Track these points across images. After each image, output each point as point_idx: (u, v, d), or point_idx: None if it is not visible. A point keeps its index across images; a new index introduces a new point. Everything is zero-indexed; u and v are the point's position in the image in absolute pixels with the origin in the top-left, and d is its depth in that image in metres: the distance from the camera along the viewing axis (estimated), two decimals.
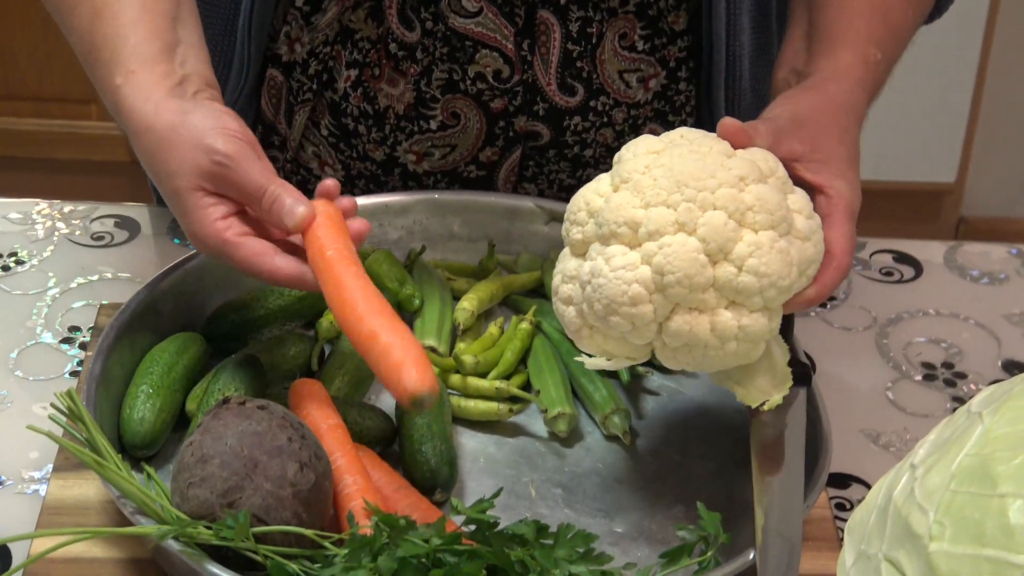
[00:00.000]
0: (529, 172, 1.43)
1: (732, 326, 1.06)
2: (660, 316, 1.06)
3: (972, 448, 0.87)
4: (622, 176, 1.09)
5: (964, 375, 1.35)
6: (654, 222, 1.05)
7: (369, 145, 1.41)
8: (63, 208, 1.48)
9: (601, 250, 1.07)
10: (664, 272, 1.05)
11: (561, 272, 1.12)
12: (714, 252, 1.05)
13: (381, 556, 0.97)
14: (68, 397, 1.06)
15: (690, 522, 1.14)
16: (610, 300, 1.06)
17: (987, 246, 1.53)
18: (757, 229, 1.06)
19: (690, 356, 1.08)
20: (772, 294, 1.07)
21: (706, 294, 1.06)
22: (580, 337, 1.11)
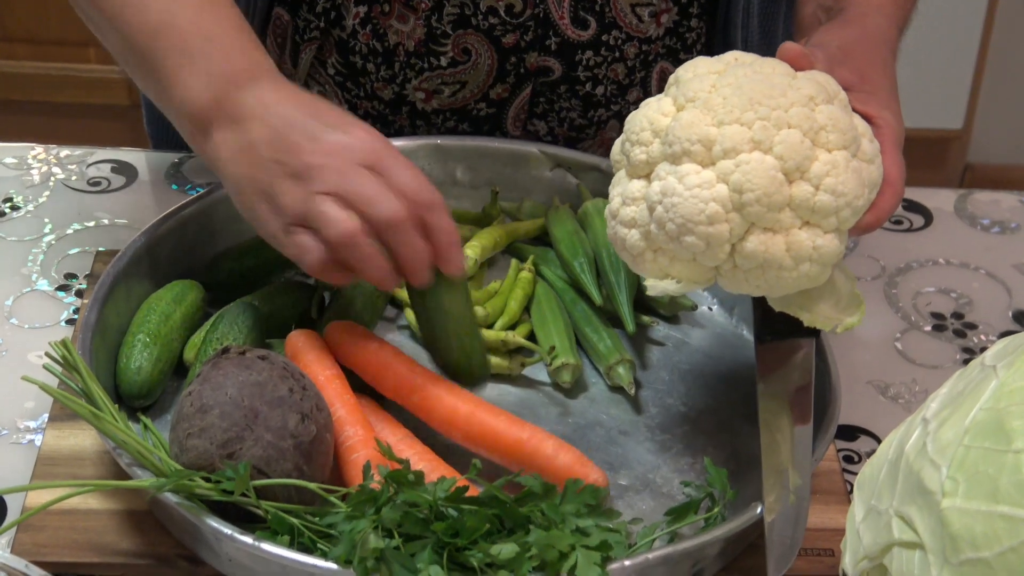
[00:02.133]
0: (539, 109, 1.41)
1: (807, 246, 1.05)
2: (735, 236, 1.05)
3: (987, 402, 0.85)
4: (687, 95, 1.07)
5: (974, 326, 1.33)
6: (729, 139, 1.03)
7: (377, 83, 1.39)
8: (59, 153, 1.46)
9: (672, 169, 1.05)
10: (742, 190, 1.03)
11: (621, 195, 1.09)
12: (791, 171, 1.03)
13: (385, 508, 0.96)
14: (63, 346, 1.05)
15: (696, 475, 1.13)
16: (685, 219, 1.04)
17: (997, 194, 1.51)
18: (831, 149, 1.05)
19: (762, 278, 1.06)
20: (847, 214, 1.05)
21: (782, 213, 1.04)
22: (643, 260, 1.09)
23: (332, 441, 1.06)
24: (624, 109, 1.42)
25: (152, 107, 1.52)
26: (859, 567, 0.89)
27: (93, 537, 1.05)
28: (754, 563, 1.06)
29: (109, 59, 1.17)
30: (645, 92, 1.42)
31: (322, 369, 1.13)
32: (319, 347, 1.15)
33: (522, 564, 0.95)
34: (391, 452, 1.03)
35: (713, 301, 1.31)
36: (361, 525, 0.95)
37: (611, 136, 1.44)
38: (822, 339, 1.16)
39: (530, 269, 1.29)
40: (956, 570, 0.81)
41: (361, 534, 0.94)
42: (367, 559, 0.94)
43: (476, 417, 1.11)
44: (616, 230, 1.10)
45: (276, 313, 1.21)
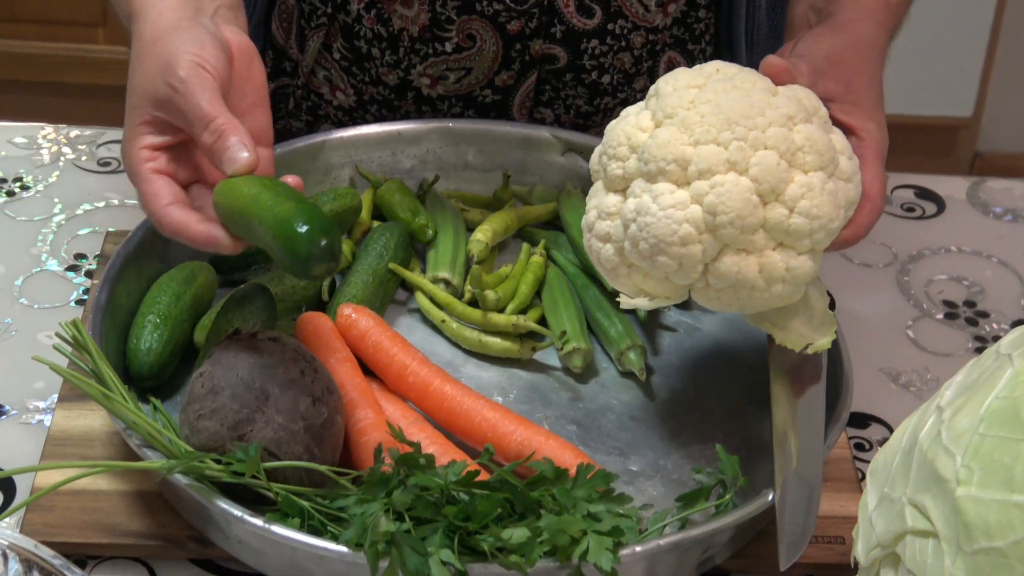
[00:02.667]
0: (545, 97, 1.41)
1: (780, 268, 1.04)
2: (708, 256, 1.04)
3: (1002, 390, 0.85)
4: (665, 111, 1.06)
5: (986, 314, 1.33)
6: (705, 160, 1.03)
7: (382, 69, 1.38)
8: (69, 133, 1.45)
9: (646, 187, 1.05)
10: (716, 212, 1.02)
11: (597, 208, 1.09)
12: (766, 193, 1.03)
13: (396, 491, 0.95)
14: (73, 327, 1.04)
15: (706, 461, 1.13)
16: (658, 239, 1.03)
17: (1010, 182, 1.50)
18: (807, 170, 1.04)
19: (734, 297, 1.06)
20: (821, 236, 1.05)
21: (756, 235, 1.03)
22: (616, 275, 1.09)
23: (343, 424, 1.05)
24: (631, 98, 1.42)
25: None
26: (871, 555, 0.89)
27: (102, 518, 1.05)
28: (765, 550, 1.05)
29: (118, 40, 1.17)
30: (652, 81, 1.41)
31: (333, 352, 1.13)
32: (330, 330, 1.15)
33: (533, 549, 0.94)
34: (402, 435, 1.02)
35: None
36: (372, 508, 0.95)
37: None
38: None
39: (541, 253, 1.29)
40: (970, 559, 0.81)
41: (372, 517, 0.94)
42: (378, 542, 0.94)
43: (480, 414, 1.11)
44: (591, 243, 1.09)
45: (287, 295, 1.21)
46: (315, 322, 1.16)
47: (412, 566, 0.93)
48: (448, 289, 1.25)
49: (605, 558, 0.94)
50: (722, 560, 1.05)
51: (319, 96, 1.43)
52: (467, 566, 0.94)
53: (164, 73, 1.05)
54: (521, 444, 1.08)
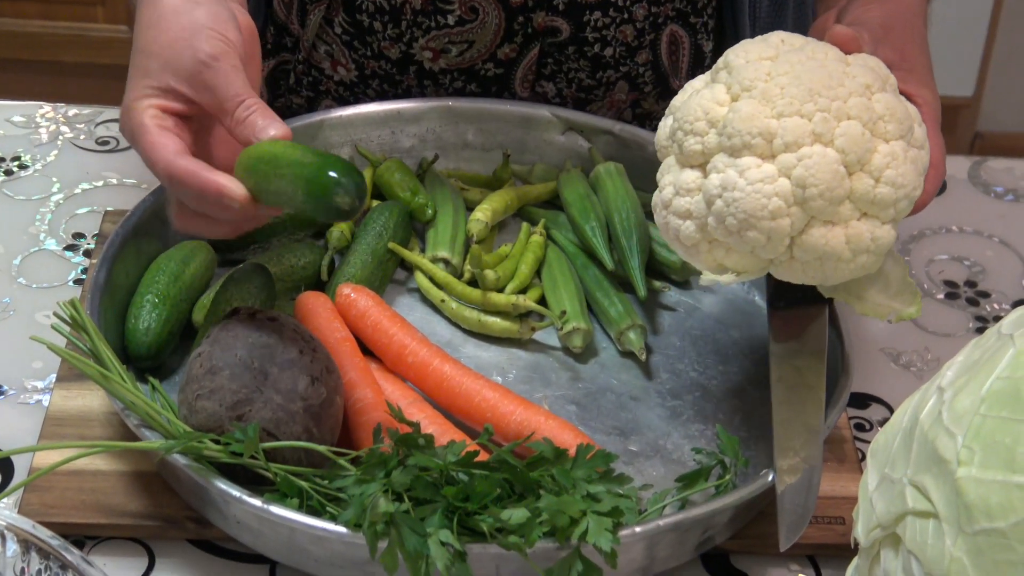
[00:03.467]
0: (547, 70, 1.40)
1: (866, 238, 1.04)
2: (796, 229, 1.04)
3: (1004, 371, 0.84)
4: (742, 84, 1.05)
5: (987, 294, 1.33)
6: (790, 133, 1.02)
7: (384, 43, 1.38)
8: (67, 112, 1.45)
9: (731, 162, 1.04)
10: (805, 185, 1.02)
11: (674, 184, 1.08)
12: (852, 163, 1.03)
13: (395, 472, 0.95)
14: (71, 306, 1.04)
15: (706, 441, 1.12)
16: (748, 214, 1.03)
17: (1011, 162, 1.50)
18: (889, 139, 1.04)
19: (820, 269, 1.06)
20: (904, 205, 1.05)
21: (842, 206, 1.04)
22: (697, 252, 1.08)
23: (342, 404, 1.05)
24: (633, 71, 1.41)
25: None
26: (871, 535, 0.89)
27: (100, 498, 1.05)
28: (765, 531, 1.05)
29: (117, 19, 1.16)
30: (655, 55, 1.41)
31: (332, 331, 1.13)
32: (329, 309, 1.15)
33: (532, 529, 0.94)
34: (401, 415, 1.02)
35: None
36: (371, 489, 0.95)
37: (620, 98, 1.43)
38: (834, 307, 1.16)
39: (541, 233, 1.28)
40: (970, 540, 0.81)
41: (371, 498, 0.94)
42: (376, 523, 0.93)
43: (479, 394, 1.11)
44: (669, 220, 1.08)
45: (286, 275, 1.20)
46: (314, 301, 1.15)
47: (411, 546, 0.93)
48: (447, 269, 1.25)
49: (604, 539, 0.94)
50: (722, 540, 1.05)
51: (320, 71, 1.43)
52: (466, 546, 0.94)
53: (192, 47, 1.04)
54: (520, 424, 1.08)
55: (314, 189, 0.97)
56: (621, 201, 1.28)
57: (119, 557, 1.03)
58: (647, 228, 1.27)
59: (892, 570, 0.87)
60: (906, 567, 0.85)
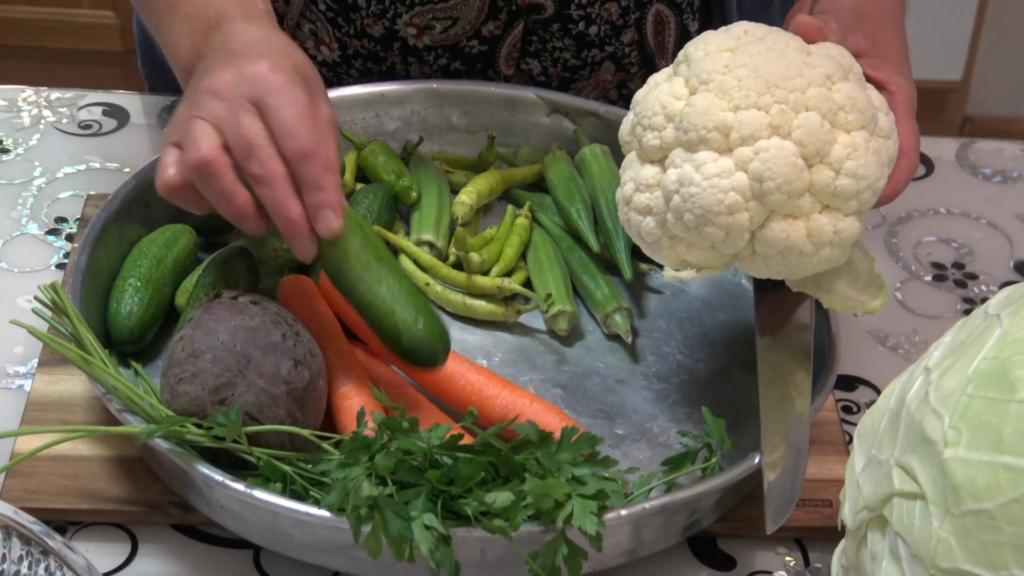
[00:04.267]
0: (532, 48, 1.39)
1: (828, 231, 1.03)
2: (755, 224, 1.03)
3: (990, 351, 0.84)
4: (699, 77, 1.04)
5: (975, 276, 1.32)
6: (747, 126, 1.01)
7: (368, 19, 1.37)
8: (49, 95, 1.44)
9: (687, 157, 1.03)
10: (762, 179, 1.01)
11: (634, 180, 1.07)
12: (811, 155, 1.01)
13: (379, 455, 0.94)
14: (52, 290, 1.03)
15: (693, 424, 1.12)
16: (704, 210, 1.02)
17: (1000, 143, 1.49)
18: (850, 130, 1.03)
19: (782, 263, 1.05)
20: (867, 196, 1.03)
21: (802, 199, 1.02)
22: (659, 248, 1.07)
23: (325, 388, 1.04)
24: (619, 50, 1.40)
25: (147, 48, 1.50)
26: (858, 517, 0.88)
27: (83, 483, 1.04)
28: (752, 513, 1.05)
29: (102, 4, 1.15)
30: (640, 34, 1.40)
31: (315, 315, 1.12)
32: (312, 293, 1.14)
33: (517, 513, 0.93)
34: (386, 398, 1.02)
35: None
36: (354, 472, 0.94)
37: (605, 77, 1.42)
38: None
39: (526, 215, 1.27)
40: (958, 521, 0.80)
41: (354, 482, 0.93)
42: (360, 507, 0.93)
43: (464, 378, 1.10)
44: (630, 217, 1.07)
45: (269, 258, 1.20)
46: (297, 285, 1.15)
47: (395, 530, 0.92)
48: (432, 251, 1.24)
49: (590, 522, 0.93)
50: (708, 524, 1.04)
51: (304, 51, 1.42)
52: (450, 530, 0.93)
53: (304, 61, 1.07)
54: (506, 408, 1.07)
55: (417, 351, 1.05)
56: (607, 183, 1.27)
57: (102, 543, 1.03)
58: None
59: (879, 552, 0.86)
60: (893, 549, 0.85)
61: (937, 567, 0.81)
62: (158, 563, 1.02)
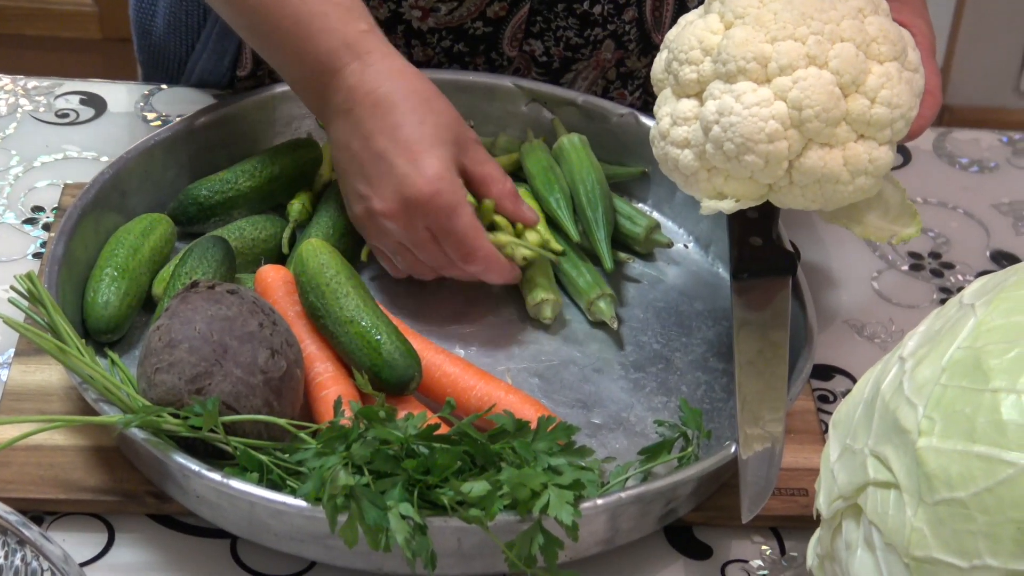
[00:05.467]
0: (536, 28, 1.39)
1: (864, 159, 1.06)
2: (793, 152, 1.05)
3: (964, 341, 0.84)
4: (735, 11, 1.07)
5: (952, 265, 1.33)
6: (785, 56, 1.04)
7: (373, 2, 1.36)
8: (26, 84, 1.43)
9: (726, 88, 1.05)
10: (801, 107, 1.04)
11: (671, 115, 1.09)
12: (847, 85, 1.05)
13: (355, 445, 0.94)
14: (28, 279, 1.03)
15: (669, 414, 1.12)
16: (745, 138, 1.04)
17: (977, 133, 1.49)
18: (883, 60, 1.06)
19: (819, 192, 1.07)
20: (900, 126, 1.07)
21: (839, 128, 1.05)
22: (696, 180, 1.10)
23: (302, 377, 1.04)
24: (619, 28, 1.41)
25: (144, 35, 1.49)
26: (833, 506, 0.88)
27: (60, 473, 1.04)
28: (728, 502, 1.05)
29: None
30: (639, 12, 1.40)
31: (292, 304, 1.12)
32: (289, 282, 1.14)
33: (493, 502, 0.93)
34: (367, 384, 1.01)
35: (689, 239, 1.29)
36: (331, 462, 0.94)
37: (605, 57, 1.42)
38: (798, 278, 1.15)
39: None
40: (931, 510, 0.81)
41: (331, 471, 0.93)
42: (336, 496, 0.93)
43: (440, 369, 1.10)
44: (667, 151, 1.09)
45: (246, 248, 1.19)
46: (274, 275, 1.15)
47: (371, 520, 0.92)
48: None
49: (566, 511, 0.94)
50: (685, 513, 1.05)
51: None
52: (427, 520, 0.93)
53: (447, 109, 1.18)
54: (481, 399, 1.07)
55: (390, 375, 1.07)
56: (586, 172, 1.27)
57: (78, 532, 1.02)
58: (612, 200, 1.27)
59: (853, 541, 0.87)
60: (867, 537, 0.85)
61: (911, 556, 0.81)
62: (135, 553, 1.02)
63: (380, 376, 1.07)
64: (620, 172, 1.32)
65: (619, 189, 1.31)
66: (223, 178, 1.23)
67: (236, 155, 1.28)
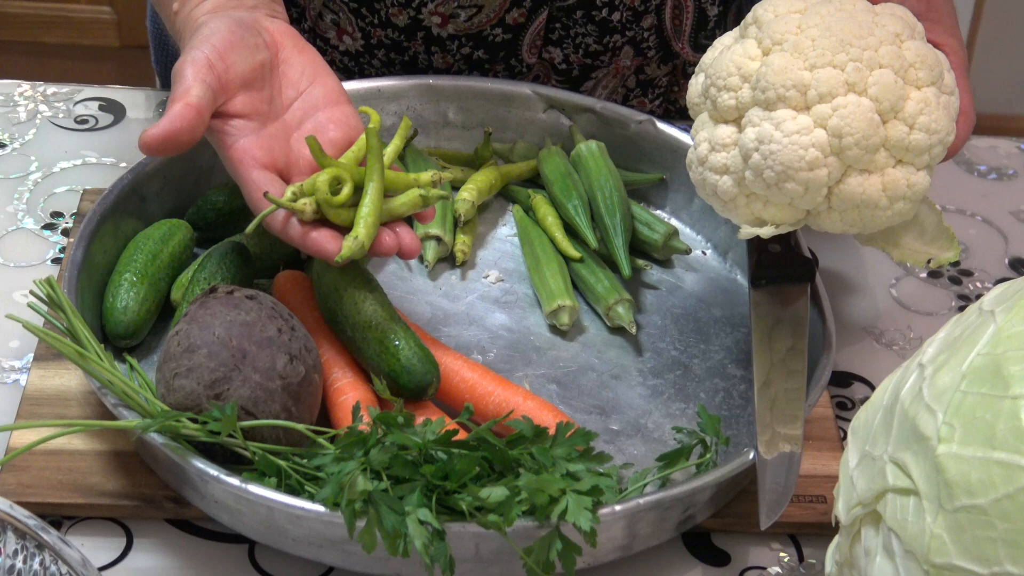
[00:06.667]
0: (555, 35, 1.39)
1: (902, 185, 1.06)
2: (833, 179, 1.06)
3: (984, 347, 0.84)
4: (772, 38, 1.07)
5: (970, 273, 1.32)
6: (824, 84, 1.04)
7: (393, 9, 1.37)
8: (46, 90, 1.44)
9: (766, 115, 1.06)
10: (841, 134, 1.04)
11: (708, 140, 1.09)
12: (886, 111, 1.05)
13: (373, 450, 0.94)
14: (48, 285, 1.03)
15: (687, 420, 1.12)
16: (785, 166, 1.04)
17: (995, 140, 1.49)
18: (920, 86, 1.06)
19: (858, 216, 1.08)
20: (938, 151, 1.07)
21: (878, 154, 1.05)
22: (734, 206, 1.10)
23: (321, 382, 1.04)
24: (638, 35, 1.41)
25: (161, 45, 1.50)
26: (852, 513, 0.88)
27: (78, 478, 1.04)
28: (746, 509, 1.05)
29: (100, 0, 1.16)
30: (659, 19, 1.40)
31: (310, 310, 1.12)
32: (307, 288, 1.14)
33: (512, 508, 0.93)
34: (385, 390, 1.01)
35: (707, 245, 1.29)
36: (349, 467, 0.94)
37: (624, 64, 1.42)
38: (817, 285, 1.15)
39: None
40: (951, 516, 0.80)
41: (349, 476, 0.93)
42: (355, 502, 0.93)
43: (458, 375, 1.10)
44: (706, 176, 1.09)
45: (265, 253, 1.19)
46: (293, 280, 1.15)
47: (389, 525, 0.92)
48: (440, 246, 1.24)
49: (584, 517, 0.93)
50: (703, 519, 1.04)
51: (325, 41, 1.42)
52: (445, 525, 0.93)
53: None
54: (499, 405, 1.07)
55: (409, 381, 1.07)
56: (604, 179, 1.27)
57: (97, 537, 1.03)
58: (630, 207, 1.26)
59: (872, 548, 0.87)
60: (886, 545, 0.85)
61: (930, 563, 0.81)
62: (153, 557, 1.02)
63: (398, 382, 1.07)
64: (638, 179, 1.32)
65: (637, 196, 1.31)
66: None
67: None
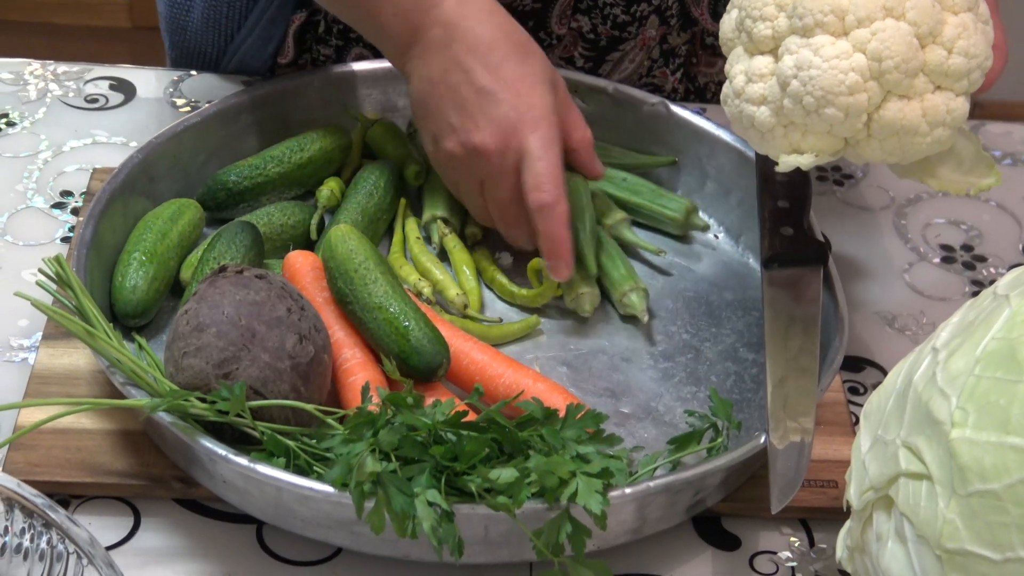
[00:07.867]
0: (584, 5, 1.39)
1: (941, 110, 1.06)
2: (873, 104, 1.05)
3: (999, 332, 0.83)
4: None
5: (984, 258, 1.32)
6: (862, 8, 1.04)
7: None
8: (56, 69, 1.43)
9: (804, 42, 1.05)
10: (881, 58, 1.03)
11: (745, 72, 1.09)
12: (924, 36, 1.04)
13: (383, 431, 0.94)
14: (57, 263, 1.03)
15: (698, 404, 1.11)
16: (825, 91, 1.04)
17: (1010, 126, 1.48)
18: (957, 11, 1.06)
19: (897, 144, 1.07)
20: (976, 76, 1.07)
21: (917, 79, 1.05)
22: (772, 137, 1.09)
23: (330, 363, 1.04)
24: (663, 3, 1.40)
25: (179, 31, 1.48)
26: (864, 498, 0.88)
27: (86, 457, 1.04)
28: (757, 493, 1.04)
29: None
30: None
31: (320, 290, 1.11)
32: (317, 268, 1.13)
33: (521, 490, 0.93)
34: (395, 370, 1.01)
35: (719, 229, 1.28)
36: (358, 448, 0.94)
37: (650, 34, 1.42)
38: (829, 269, 1.15)
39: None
40: (964, 501, 0.80)
41: (358, 457, 0.93)
42: (363, 482, 0.92)
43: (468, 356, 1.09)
44: (743, 108, 1.09)
45: (274, 233, 1.19)
46: (303, 260, 1.14)
47: (398, 506, 0.91)
48: (448, 227, 1.23)
49: (594, 500, 0.93)
50: (713, 503, 1.04)
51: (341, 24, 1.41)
52: (454, 507, 0.93)
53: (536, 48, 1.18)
54: (510, 386, 1.07)
55: (418, 362, 1.07)
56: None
57: (104, 516, 1.02)
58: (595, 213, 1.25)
59: (884, 532, 0.86)
60: (899, 529, 0.84)
61: (943, 548, 0.80)
62: (161, 537, 1.02)
63: (408, 362, 1.06)
64: (650, 162, 1.31)
65: (649, 179, 1.31)
66: (252, 164, 1.23)
67: (265, 141, 1.28)
